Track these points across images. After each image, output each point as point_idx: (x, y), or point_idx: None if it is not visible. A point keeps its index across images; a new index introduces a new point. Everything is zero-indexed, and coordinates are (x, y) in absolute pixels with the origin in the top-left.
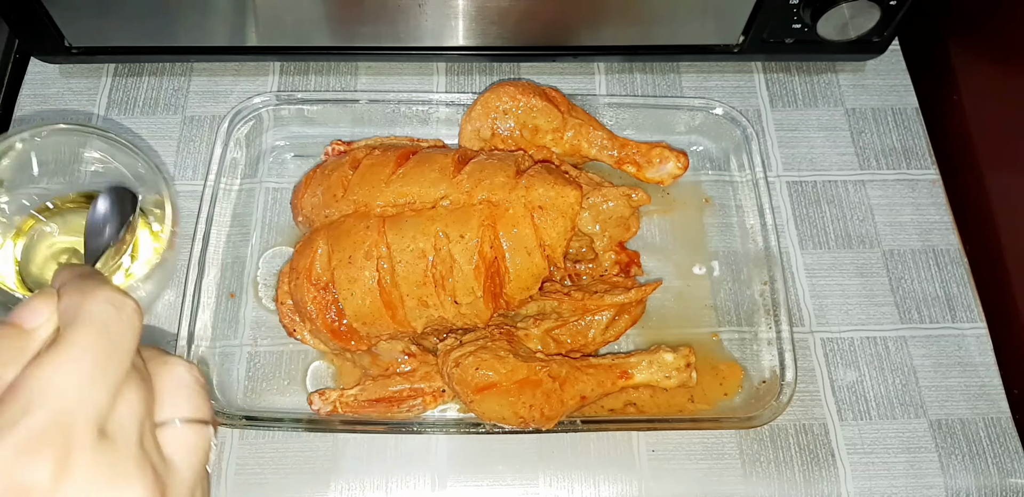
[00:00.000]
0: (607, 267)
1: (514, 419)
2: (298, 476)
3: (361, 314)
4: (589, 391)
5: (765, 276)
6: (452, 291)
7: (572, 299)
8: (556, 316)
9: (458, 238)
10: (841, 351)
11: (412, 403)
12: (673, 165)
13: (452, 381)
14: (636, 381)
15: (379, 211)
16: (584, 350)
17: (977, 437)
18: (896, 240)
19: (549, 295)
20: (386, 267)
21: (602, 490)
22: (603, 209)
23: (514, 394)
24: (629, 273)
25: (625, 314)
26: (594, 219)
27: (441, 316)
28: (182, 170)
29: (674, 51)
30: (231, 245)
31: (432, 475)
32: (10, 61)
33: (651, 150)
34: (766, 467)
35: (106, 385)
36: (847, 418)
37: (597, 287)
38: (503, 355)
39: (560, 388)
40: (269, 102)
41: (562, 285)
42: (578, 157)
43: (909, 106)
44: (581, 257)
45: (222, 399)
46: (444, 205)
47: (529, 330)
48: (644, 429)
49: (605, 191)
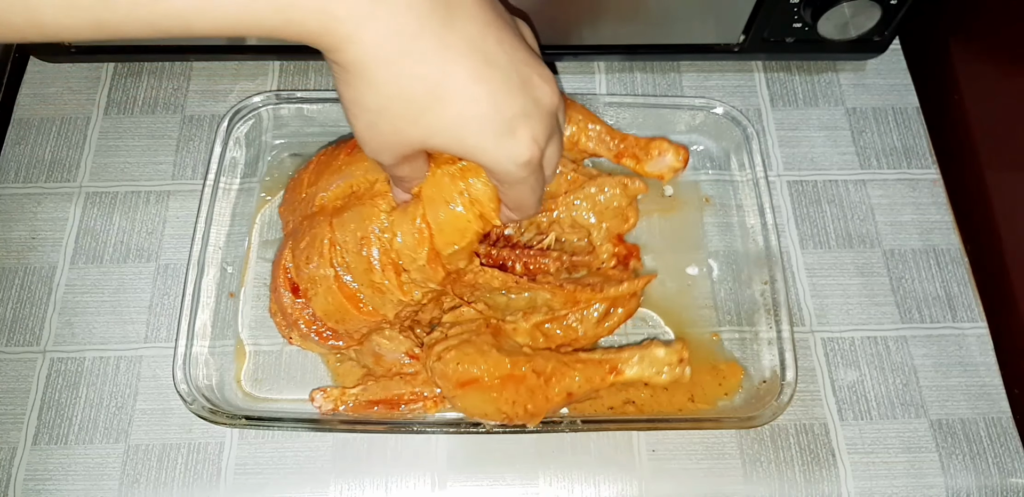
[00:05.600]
0: (604, 259)
1: (496, 415)
2: (298, 476)
3: (330, 313)
4: (576, 387)
5: (765, 276)
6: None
7: (564, 291)
8: (547, 309)
9: (392, 213)
10: (842, 351)
11: (413, 407)
12: (672, 158)
13: (434, 375)
14: (627, 377)
15: (330, 205)
16: (575, 345)
17: (978, 437)
18: (897, 240)
19: (540, 286)
20: (338, 261)
21: (602, 490)
22: (599, 200)
23: (496, 390)
24: (628, 266)
25: (619, 308)
26: (590, 210)
27: (399, 299)
28: (181, 169)
29: (674, 50)
30: (231, 244)
31: (432, 475)
32: (9, 61)
33: (650, 143)
34: (766, 467)
35: None
36: (847, 418)
37: (591, 280)
38: (486, 349)
39: (545, 384)
40: (269, 101)
41: (555, 277)
42: (576, 151)
43: (910, 105)
44: (578, 249)
45: (222, 399)
46: (379, 188)
47: (518, 324)
48: (644, 429)
49: (600, 180)
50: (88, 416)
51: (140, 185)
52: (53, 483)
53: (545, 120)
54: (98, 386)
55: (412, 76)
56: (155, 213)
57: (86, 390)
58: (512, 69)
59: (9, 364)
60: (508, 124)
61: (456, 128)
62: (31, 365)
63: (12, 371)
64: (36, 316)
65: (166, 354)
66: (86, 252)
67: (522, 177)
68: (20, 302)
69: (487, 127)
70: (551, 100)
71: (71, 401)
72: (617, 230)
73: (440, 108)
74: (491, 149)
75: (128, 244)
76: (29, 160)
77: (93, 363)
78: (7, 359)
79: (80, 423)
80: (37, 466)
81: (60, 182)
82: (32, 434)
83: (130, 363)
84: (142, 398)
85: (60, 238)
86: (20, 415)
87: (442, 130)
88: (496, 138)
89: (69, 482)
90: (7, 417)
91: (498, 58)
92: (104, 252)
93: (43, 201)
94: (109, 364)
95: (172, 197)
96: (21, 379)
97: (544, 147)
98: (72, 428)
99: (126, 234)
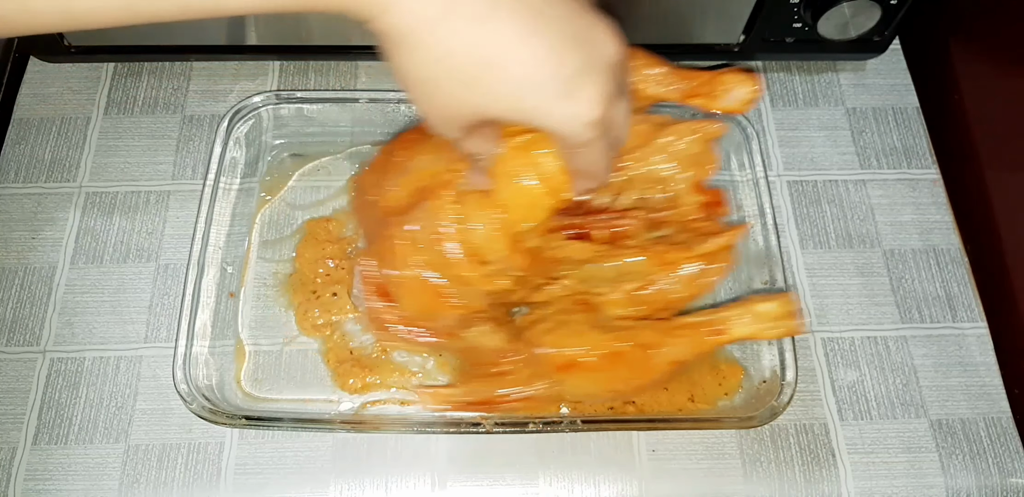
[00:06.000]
0: (690, 212)
1: (604, 394)
2: (298, 476)
3: (421, 312)
4: (681, 355)
5: (766, 275)
6: (478, 257)
7: (652, 253)
8: (638, 275)
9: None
10: (842, 351)
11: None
12: (744, 89)
13: (533, 361)
14: (733, 337)
15: (398, 205)
16: (674, 308)
17: (978, 437)
18: (897, 239)
19: (626, 251)
20: (417, 261)
21: (602, 490)
22: (675, 149)
23: (598, 369)
24: (716, 215)
25: (715, 263)
26: (667, 161)
27: (485, 289)
28: (181, 169)
29: (674, 50)
30: (231, 244)
31: (432, 475)
32: (9, 60)
33: (717, 77)
34: (766, 467)
35: None
36: (847, 418)
37: (679, 237)
38: (581, 329)
39: (647, 356)
40: (269, 101)
41: (640, 239)
42: (641, 99)
43: (910, 105)
44: (660, 205)
45: (222, 399)
46: (444, 178)
47: (610, 295)
48: (644, 429)
49: (672, 128)
50: (88, 416)
51: (140, 185)
52: (53, 483)
53: (609, 75)
54: (98, 386)
55: (458, 39)
56: (155, 213)
57: (86, 390)
58: (567, 23)
59: (9, 364)
60: (568, 83)
61: (512, 92)
62: (31, 365)
63: (12, 371)
64: (36, 316)
65: (166, 354)
66: (86, 252)
67: (589, 139)
68: (20, 302)
69: (545, 88)
70: (614, 53)
71: (71, 401)
72: (699, 178)
73: (493, 71)
74: (553, 111)
75: (128, 244)
76: (29, 160)
77: (93, 363)
78: (7, 359)
79: (80, 423)
80: (37, 466)
81: (60, 182)
82: (32, 434)
83: (130, 363)
84: (142, 398)
85: (60, 238)
86: (20, 415)
87: (498, 95)
88: (556, 99)
89: (69, 482)
90: (7, 417)
91: (550, 12)
92: (104, 252)
93: (43, 201)
94: (109, 364)
95: (172, 197)
96: (21, 379)
97: (611, 105)
98: (72, 428)
99: (126, 234)
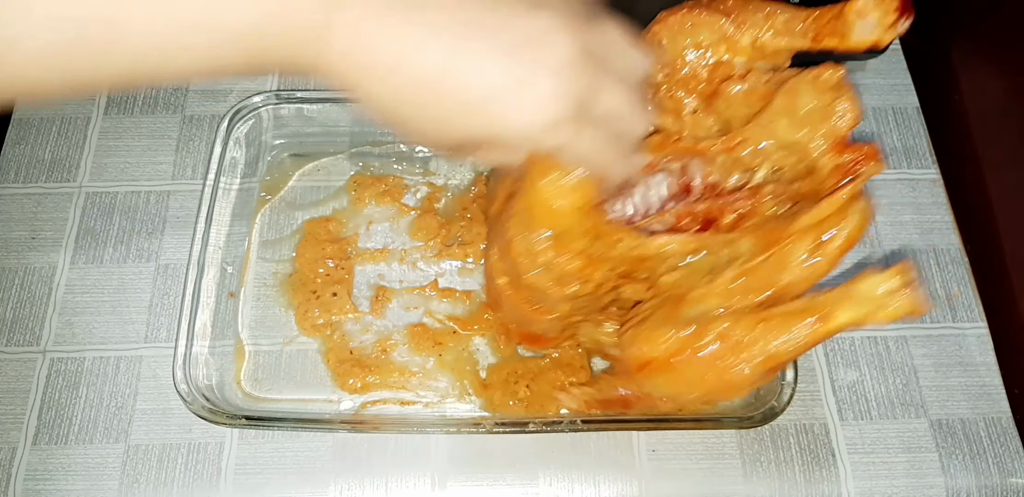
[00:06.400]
0: (830, 177)
1: (688, 394)
2: (298, 476)
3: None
4: (776, 348)
5: None
6: None
7: (752, 231)
8: (736, 262)
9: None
10: (842, 351)
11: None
12: (877, 16)
13: (619, 362)
14: (841, 323)
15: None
16: (790, 293)
17: (978, 437)
18: (897, 239)
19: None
20: (498, 269)
21: (602, 490)
22: (799, 107)
23: (675, 368)
24: (859, 175)
25: (834, 230)
26: (795, 124)
27: (559, 294)
28: (181, 169)
29: None
30: (231, 244)
31: (432, 475)
32: None
33: (843, 8)
34: (766, 467)
35: None
36: (847, 418)
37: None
38: (658, 325)
39: (736, 351)
40: (269, 101)
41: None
42: (772, 56)
43: (910, 105)
44: (800, 174)
45: (222, 399)
46: None
47: (701, 289)
48: (644, 429)
49: (788, 85)
50: (88, 416)
51: (140, 185)
52: (53, 483)
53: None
54: (98, 386)
55: (392, 70)
56: (155, 213)
57: (86, 390)
58: (505, 31)
59: (9, 364)
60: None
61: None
62: (31, 365)
63: (12, 371)
64: (36, 316)
65: (166, 354)
66: (86, 252)
67: (569, 138)
68: (20, 302)
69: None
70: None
71: (71, 401)
72: (837, 134)
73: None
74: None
75: (128, 244)
76: (29, 160)
77: (93, 363)
78: (7, 359)
79: (80, 423)
80: (37, 466)
81: (60, 182)
82: (32, 434)
83: (130, 363)
84: (142, 398)
85: (60, 238)
86: (20, 415)
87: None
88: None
89: (69, 482)
90: (7, 417)
91: (482, 22)
92: (104, 252)
93: (43, 201)
94: (109, 364)
95: (172, 197)
96: (21, 379)
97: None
98: (72, 428)
99: (126, 234)
